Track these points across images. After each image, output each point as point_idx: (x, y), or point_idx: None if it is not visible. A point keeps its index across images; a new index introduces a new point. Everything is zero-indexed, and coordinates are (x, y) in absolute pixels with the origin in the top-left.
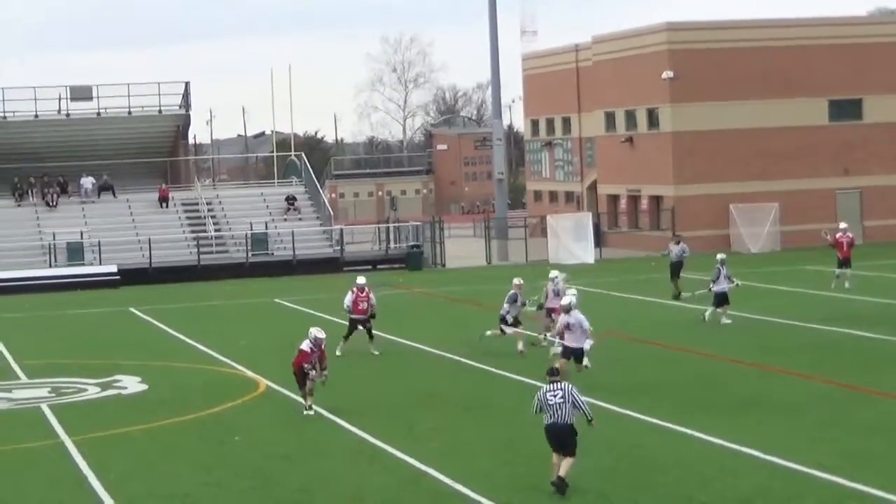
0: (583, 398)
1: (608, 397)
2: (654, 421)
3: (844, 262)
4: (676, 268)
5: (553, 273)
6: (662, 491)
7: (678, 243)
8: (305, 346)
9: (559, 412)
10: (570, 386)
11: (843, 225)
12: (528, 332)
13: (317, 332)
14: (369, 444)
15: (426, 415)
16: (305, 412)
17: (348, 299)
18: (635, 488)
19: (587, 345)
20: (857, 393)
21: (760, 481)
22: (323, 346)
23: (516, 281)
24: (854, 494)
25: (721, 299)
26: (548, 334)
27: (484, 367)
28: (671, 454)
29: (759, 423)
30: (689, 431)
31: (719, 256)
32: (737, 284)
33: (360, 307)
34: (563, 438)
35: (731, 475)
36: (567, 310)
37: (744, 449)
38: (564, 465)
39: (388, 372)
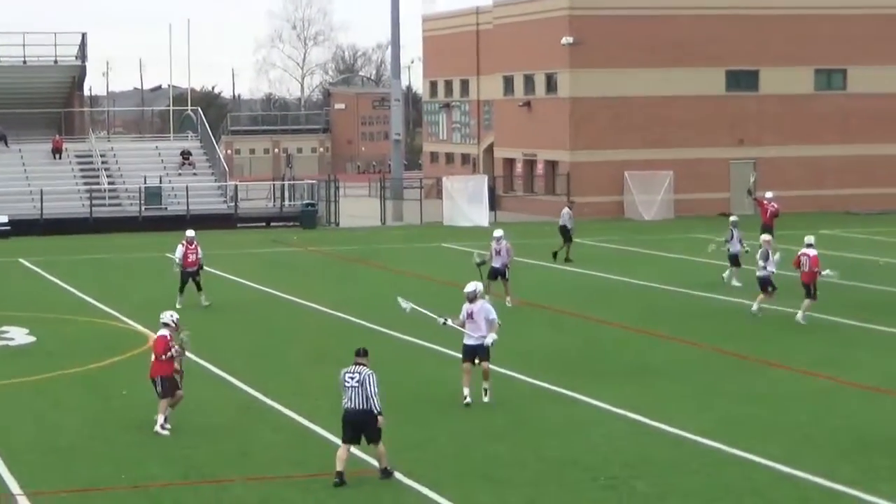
0: (377, 389)
1: (498, 360)
2: (543, 385)
3: (766, 229)
4: (564, 232)
5: (497, 232)
6: (549, 454)
7: (568, 208)
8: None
9: (355, 397)
10: (369, 372)
11: (769, 194)
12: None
13: (170, 314)
14: (258, 402)
15: (315, 373)
16: (160, 429)
17: (179, 252)
18: (523, 451)
19: (489, 339)
20: (742, 360)
21: (645, 446)
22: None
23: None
24: (735, 460)
25: (733, 261)
26: (508, 298)
27: (375, 326)
28: (559, 418)
29: (645, 389)
30: (577, 396)
31: (732, 218)
32: (746, 250)
33: (189, 259)
34: (361, 425)
35: (617, 440)
36: (472, 298)
37: (630, 414)
38: (379, 455)
39: (278, 330)
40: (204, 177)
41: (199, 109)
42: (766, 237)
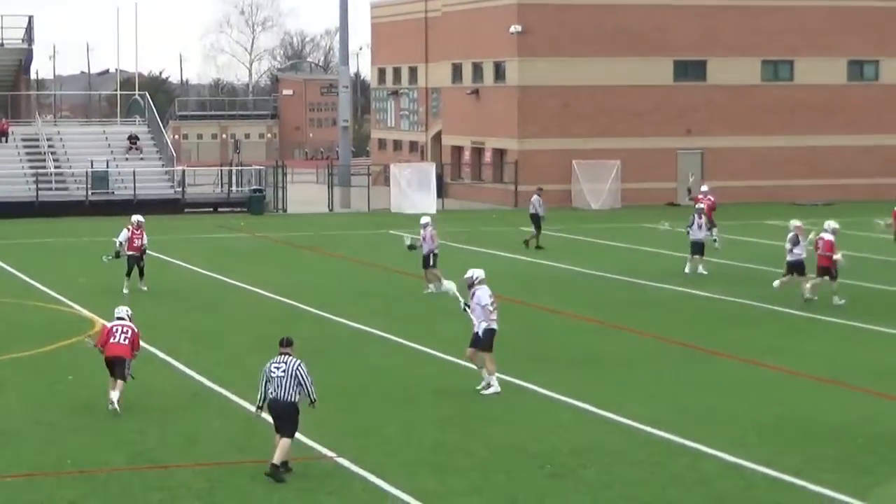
0: (310, 378)
1: (446, 348)
2: None
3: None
4: (535, 219)
5: (424, 219)
6: (496, 442)
7: (538, 195)
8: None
9: (281, 388)
10: (297, 361)
11: (704, 188)
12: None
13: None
14: (206, 388)
15: (263, 360)
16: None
17: (123, 236)
18: (469, 438)
19: (481, 328)
20: (690, 350)
21: (592, 435)
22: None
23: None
24: (682, 450)
25: (696, 248)
26: (430, 286)
27: (322, 313)
28: (507, 406)
29: (593, 377)
30: (525, 384)
31: (699, 206)
32: (714, 239)
33: (134, 244)
34: (282, 417)
35: (565, 429)
36: (470, 284)
37: (578, 403)
38: (280, 448)
39: (226, 317)
40: (151, 162)
41: (147, 94)
42: (796, 223)
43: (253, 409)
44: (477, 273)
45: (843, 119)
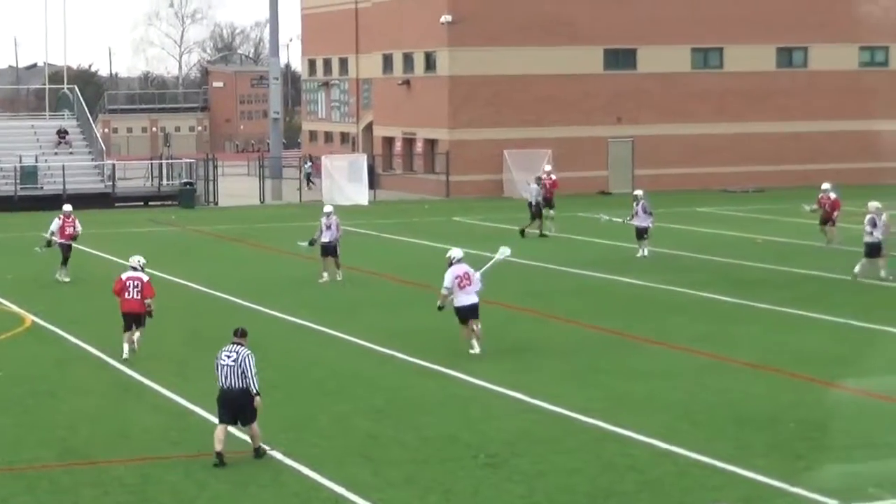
0: (255, 369)
1: (378, 339)
2: (423, 363)
3: (548, 203)
4: (533, 207)
5: (327, 208)
6: (428, 431)
7: (537, 183)
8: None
9: (231, 376)
10: (247, 352)
11: (547, 167)
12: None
13: (137, 259)
14: (136, 382)
15: (194, 353)
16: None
17: (54, 224)
18: (401, 429)
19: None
20: (622, 338)
21: (525, 424)
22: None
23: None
24: (614, 437)
25: (640, 234)
26: (339, 272)
27: (253, 306)
28: (439, 396)
29: (526, 367)
30: (457, 374)
31: (637, 192)
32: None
33: (66, 232)
34: (236, 406)
35: (497, 418)
36: (449, 263)
37: (511, 392)
38: (252, 436)
39: (157, 310)
40: (81, 156)
41: (76, 88)
42: (875, 204)
43: (185, 402)
44: (452, 253)
45: (772, 106)
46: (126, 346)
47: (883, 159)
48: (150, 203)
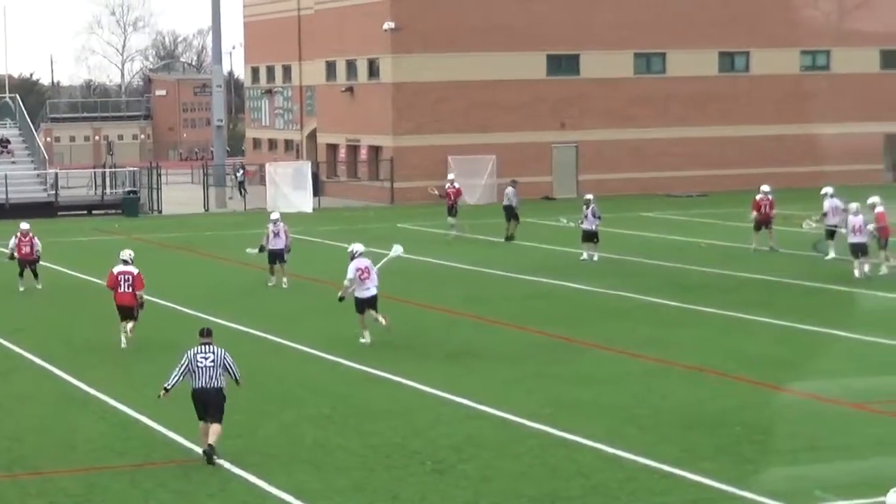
0: (232, 361)
1: (323, 346)
2: (368, 370)
3: (451, 210)
4: (509, 211)
5: (274, 215)
6: (374, 438)
7: (513, 186)
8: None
9: (207, 376)
10: (222, 350)
11: (450, 176)
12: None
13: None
14: (82, 392)
15: (139, 361)
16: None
17: (12, 243)
18: (348, 436)
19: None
20: (567, 343)
21: (472, 430)
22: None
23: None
24: (560, 442)
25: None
26: (284, 279)
27: (198, 314)
28: (385, 402)
29: (472, 372)
30: (402, 380)
31: (587, 196)
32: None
33: (23, 251)
34: (210, 404)
35: (444, 424)
36: (352, 257)
37: (457, 398)
38: (213, 433)
39: (100, 319)
40: (23, 165)
41: (18, 96)
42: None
43: (130, 411)
44: (354, 247)
45: (715, 110)
46: (123, 337)
47: (826, 163)
48: (93, 212)
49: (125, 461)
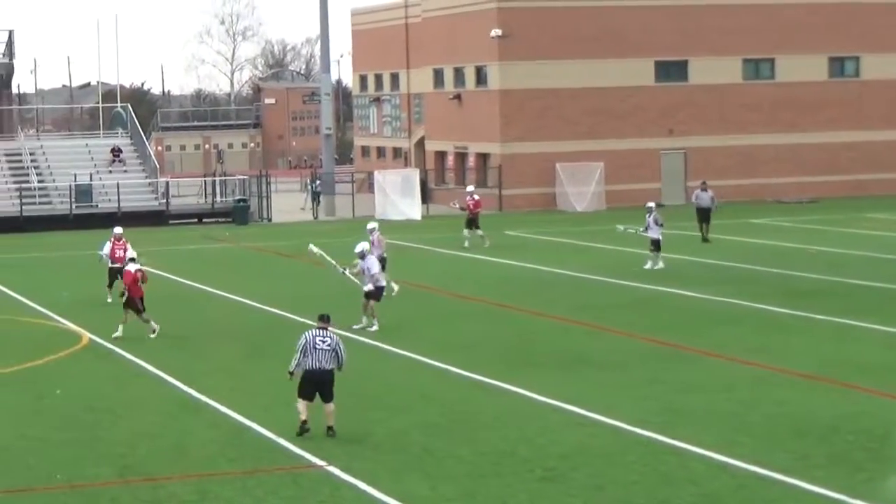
0: (344, 349)
1: (434, 353)
2: (479, 377)
3: (472, 222)
4: (705, 213)
5: (371, 224)
6: (484, 446)
7: (705, 190)
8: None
9: (325, 359)
10: (337, 338)
11: (469, 188)
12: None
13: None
14: (193, 399)
15: (251, 369)
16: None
17: (106, 248)
18: (458, 443)
19: (374, 285)
20: (677, 350)
21: (582, 438)
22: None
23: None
24: (671, 450)
25: (655, 245)
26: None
27: (308, 321)
28: (495, 410)
29: (582, 380)
30: (513, 388)
31: (649, 204)
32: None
33: (117, 255)
34: (324, 385)
35: (554, 431)
36: (362, 255)
37: (567, 406)
38: (329, 413)
39: (212, 327)
40: (135, 174)
41: (129, 106)
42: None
43: (241, 418)
44: (364, 245)
45: (824, 116)
46: (120, 327)
47: None
48: (203, 220)
49: (236, 468)
